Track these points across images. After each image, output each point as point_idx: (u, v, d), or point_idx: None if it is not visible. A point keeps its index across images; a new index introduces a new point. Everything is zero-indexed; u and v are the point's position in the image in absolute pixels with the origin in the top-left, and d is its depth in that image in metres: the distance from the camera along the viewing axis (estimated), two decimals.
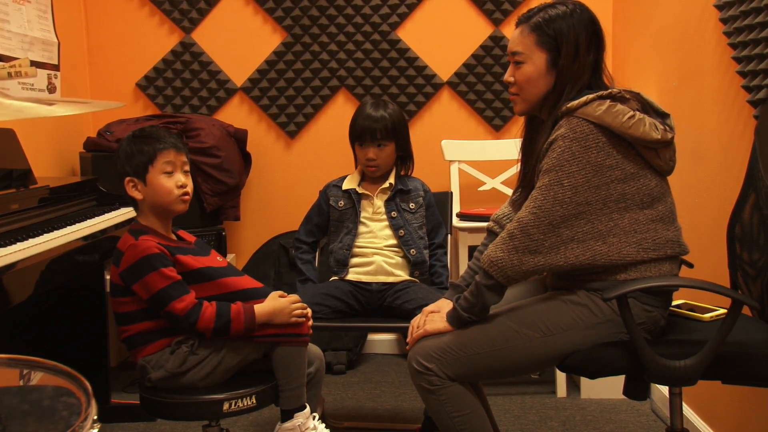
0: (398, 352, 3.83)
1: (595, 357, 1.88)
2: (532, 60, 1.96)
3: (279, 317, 2.09)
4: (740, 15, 2.22)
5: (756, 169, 1.95)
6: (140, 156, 2.09)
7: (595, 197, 1.85)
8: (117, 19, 3.80)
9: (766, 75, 2.07)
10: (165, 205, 2.12)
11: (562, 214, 1.84)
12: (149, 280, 2.01)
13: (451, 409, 1.93)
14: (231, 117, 3.76)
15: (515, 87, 2.02)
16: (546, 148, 1.90)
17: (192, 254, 2.12)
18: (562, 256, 1.85)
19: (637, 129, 1.83)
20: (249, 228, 3.86)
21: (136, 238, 2.06)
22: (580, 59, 1.93)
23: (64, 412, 1.19)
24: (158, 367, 2.05)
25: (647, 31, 3.15)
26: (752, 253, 1.94)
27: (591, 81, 1.95)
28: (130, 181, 2.10)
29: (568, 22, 1.93)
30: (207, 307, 2.02)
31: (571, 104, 1.87)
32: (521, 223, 1.86)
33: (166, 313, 2.02)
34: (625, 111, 1.84)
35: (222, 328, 2.02)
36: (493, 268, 1.87)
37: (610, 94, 1.87)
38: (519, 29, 2.00)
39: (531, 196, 1.89)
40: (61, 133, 3.48)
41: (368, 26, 3.72)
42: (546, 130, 1.95)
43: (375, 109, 2.73)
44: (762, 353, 1.80)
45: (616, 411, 3.00)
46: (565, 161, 1.84)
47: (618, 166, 1.85)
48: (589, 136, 1.84)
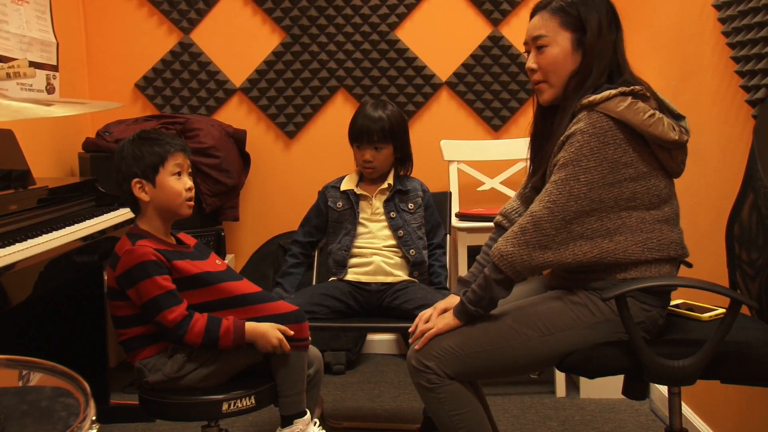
0: (397, 353, 3.83)
1: (593, 357, 1.88)
2: (557, 41, 1.96)
3: (264, 344, 2.06)
4: (738, 15, 2.22)
5: (754, 168, 1.95)
6: (151, 157, 2.07)
7: (608, 195, 1.85)
8: (116, 20, 3.80)
9: (764, 74, 2.08)
10: (173, 208, 2.11)
11: (576, 209, 1.84)
12: (143, 287, 2.00)
13: (449, 407, 1.92)
14: (230, 117, 3.76)
15: (539, 74, 2.00)
16: (563, 141, 1.89)
17: (190, 259, 2.10)
18: (570, 253, 1.86)
19: (656, 128, 1.84)
20: (248, 228, 3.86)
21: (133, 243, 2.04)
22: (604, 38, 1.94)
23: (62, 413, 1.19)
24: (155, 371, 2.04)
25: (646, 31, 3.15)
26: (751, 253, 1.95)
27: (613, 61, 1.95)
28: (138, 183, 2.08)
29: (588, 4, 1.95)
30: (197, 321, 2.00)
31: (593, 98, 1.86)
32: (534, 217, 1.86)
33: (156, 322, 2.01)
34: (646, 109, 1.85)
35: (209, 344, 2.01)
36: (503, 262, 1.87)
37: (632, 91, 1.87)
38: (538, 15, 2.00)
39: (545, 190, 1.88)
40: (60, 134, 3.48)
41: (367, 26, 3.72)
42: (564, 120, 1.93)
43: (374, 110, 2.73)
44: (760, 353, 1.80)
45: (615, 411, 3.00)
46: (583, 156, 1.84)
47: (632, 164, 1.86)
48: (608, 132, 1.84)
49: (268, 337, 2.05)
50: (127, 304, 2.05)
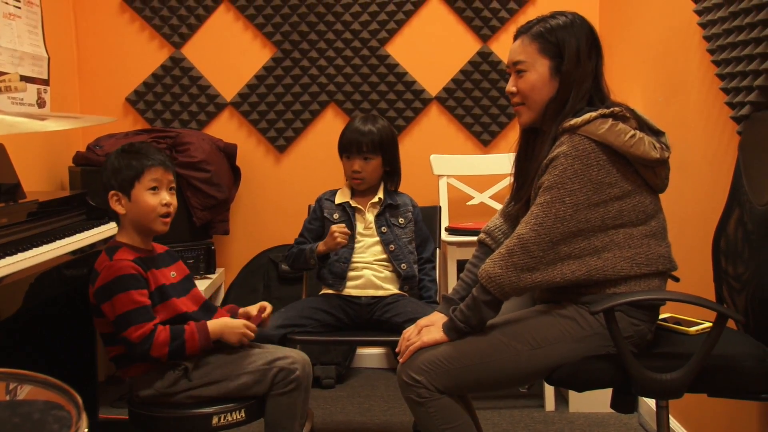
0: (387, 366, 3.83)
1: (582, 370, 1.89)
2: (535, 68, 1.98)
3: (230, 336, 2.07)
4: (723, 33, 2.25)
5: (740, 184, 1.97)
6: (127, 171, 2.08)
7: (594, 215, 1.87)
8: (107, 34, 3.81)
9: (749, 91, 2.10)
10: (146, 223, 2.11)
11: (562, 231, 1.86)
12: (117, 301, 2.00)
13: (440, 421, 1.93)
14: (221, 131, 3.77)
15: (518, 96, 2.03)
16: (546, 164, 1.91)
17: (155, 267, 2.11)
18: (559, 272, 1.87)
19: (638, 148, 1.86)
20: (238, 242, 3.86)
21: (111, 258, 2.05)
22: (582, 65, 1.95)
23: (54, 426, 1.19)
24: (147, 386, 2.04)
25: (632, 49, 3.18)
26: (737, 267, 1.97)
27: (593, 88, 1.97)
28: (114, 195, 2.09)
29: (569, 30, 1.96)
30: (160, 332, 1.99)
31: (574, 121, 1.88)
32: (522, 240, 1.87)
33: (122, 338, 1.99)
34: (627, 130, 1.87)
35: (177, 350, 2.00)
36: (492, 284, 1.88)
37: (612, 113, 1.89)
38: (519, 40, 2.02)
39: (531, 213, 1.90)
40: (51, 147, 3.48)
41: (357, 42, 3.74)
42: (546, 144, 1.96)
43: (363, 124, 2.75)
44: (747, 366, 1.82)
45: (604, 425, 3.01)
46: (567, 179, 1.86)
47: (617, 184, 1.88)
48: (591, 154, 1.86)
49: (231, 327, 2.07)
50: (105, 321, 2.05)
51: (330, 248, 2.64)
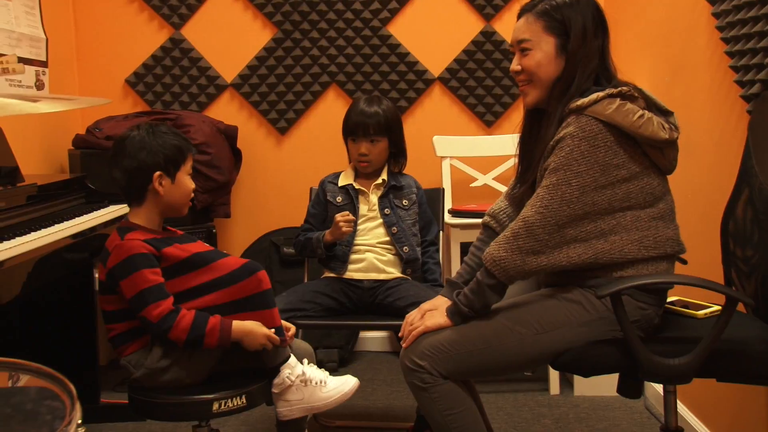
0: (390, 350, 3.81)
1: (588, 355, 1.86)
2: (540, 46, 1.94)
3: (250, 343, 2.03)
4: (733, 9, 2.21)
5: (749, 164, 1.93)
6: (174, 152, 2.08)
7: (601, 197, 1.83)
8: (106, 15, 3.77)
9: (759, 69, 2.06)
10: (178, 206, 2.13)
11: (568, 214, 1.82)
12: (131, 280, 1.98)
13: (443, 407, 1.91)
14: (221, 113, 3.74)
15: (524, 75, 1.98)
16: (553, 146, 1.88)
17: (179, 243, 2.09)
18: (565, 256, 1.84)
19: (646, 128, 1.82)
20: (239, 225, 3.83)
21: (122, 237, 2.04)
22: (589, 43, 1.92)
23: (47, 416, 1.17)
24: (139, 366, 2.03)
25: (638, 26, 3.14)
26: (746, 250, 1.93)
27: (599, 67, 1.94)
28: (160, 176, 2.06)
29: (574, 8, 1.92)
30: (184, 316, 1.97)
31: (581, 102, 1.85)
32: (527, 223, 1.84)
33: (141, 317, 1.99)
34: (635, 110, 1.83)
35: (194, 340, 1.97)
36: (496, 267, 1.85)
37: (620, 92, 1.85)
38: (524, 18, 1.98)
39: (537, 195, 1.87)
40: (50, 130, 3.45)
41: (359, 22, 3.69)
42: (552, 125, 1.92)
43: (369, 105, 2.71)
44: (756, 350, 1.79)
45: (609, 408, 2.99)
46: (574, 160, 1.82)
47: (624, 165, 1.84)
48: (598, 135, 1.82)
49: (254, 335, 2.03)
50: (117, 298, 2.04)
51: (336, 238, 2.63)
